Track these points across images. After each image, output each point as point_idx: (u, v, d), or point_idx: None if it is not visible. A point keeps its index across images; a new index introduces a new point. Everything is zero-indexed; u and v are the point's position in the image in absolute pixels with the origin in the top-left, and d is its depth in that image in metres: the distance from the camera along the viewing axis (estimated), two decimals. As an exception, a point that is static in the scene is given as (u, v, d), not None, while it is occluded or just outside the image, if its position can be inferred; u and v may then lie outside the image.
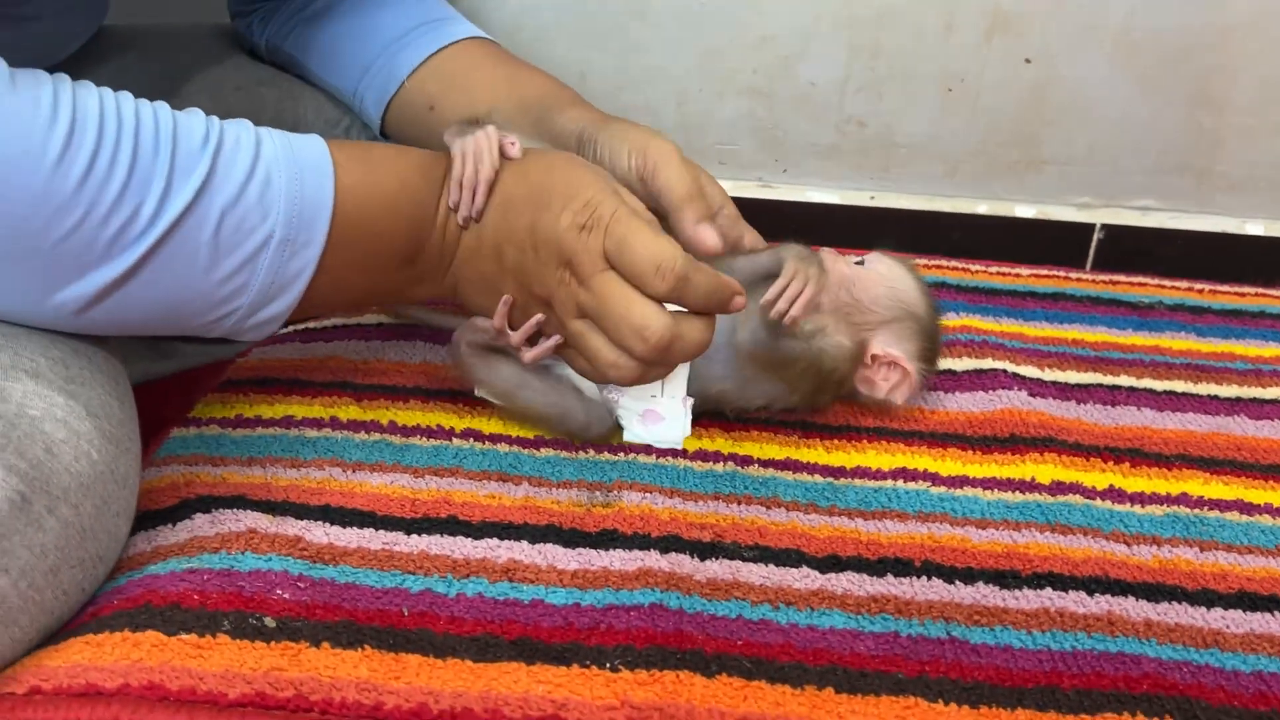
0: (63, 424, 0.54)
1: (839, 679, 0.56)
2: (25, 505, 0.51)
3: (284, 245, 0.60)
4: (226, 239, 0.58)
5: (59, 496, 0.53)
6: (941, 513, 0.69)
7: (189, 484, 0.67)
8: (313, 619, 0.57)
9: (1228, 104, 1.08)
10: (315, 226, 0.61)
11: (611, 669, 0.56)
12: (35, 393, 0.54)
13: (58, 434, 0.54)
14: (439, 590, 0.60)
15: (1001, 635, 0.60)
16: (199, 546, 0.61)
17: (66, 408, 0.55)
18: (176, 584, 0.58)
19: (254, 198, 0.59)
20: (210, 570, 0.60)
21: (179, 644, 0.55)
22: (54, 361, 0.57)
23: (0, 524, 0.50)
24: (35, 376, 0.55)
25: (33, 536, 0.51)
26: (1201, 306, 0.98)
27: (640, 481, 0.70)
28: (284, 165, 0.60)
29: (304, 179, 0.60)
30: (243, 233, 0.58)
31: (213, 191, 0.57)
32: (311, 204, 0.60)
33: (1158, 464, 0.75)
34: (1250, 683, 0.58)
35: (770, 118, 1.12)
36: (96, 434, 0.56)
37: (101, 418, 0.57)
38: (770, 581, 0.63)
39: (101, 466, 0.55)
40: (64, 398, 0.55)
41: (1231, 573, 0.66)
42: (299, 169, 0.60)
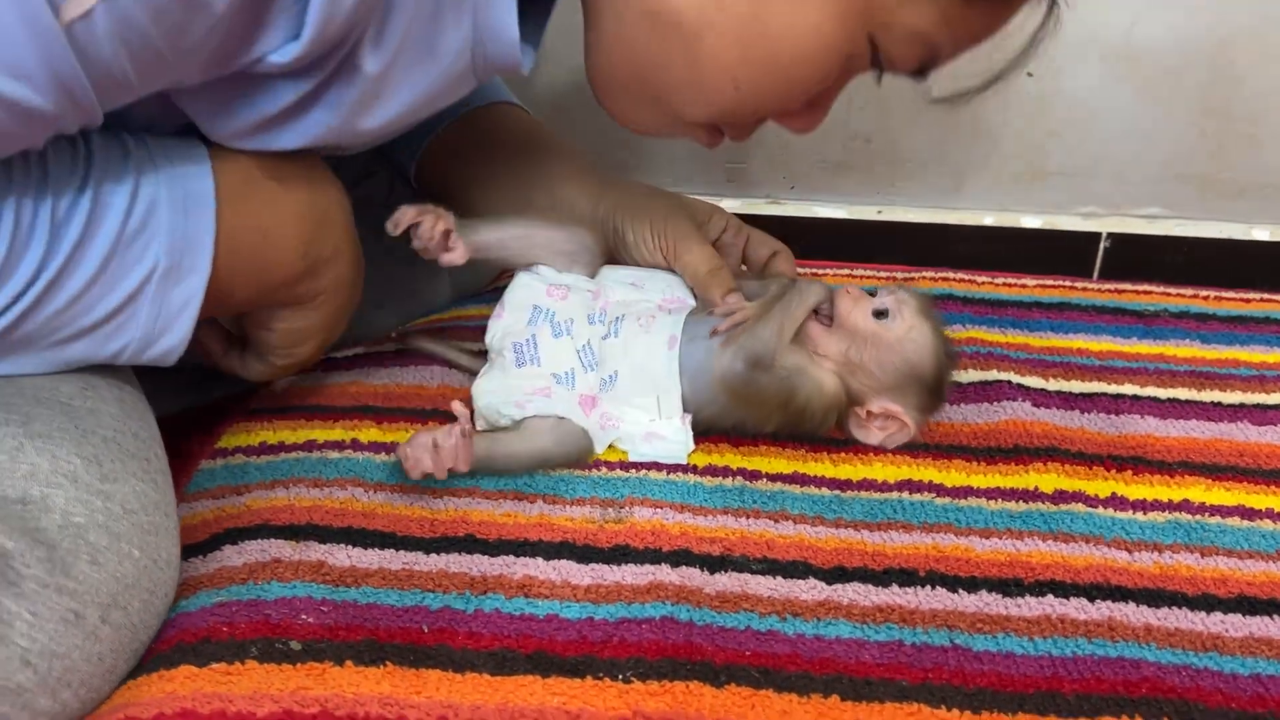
0: (104, 530, 0.56)
1: (844, 687, 0.58)
2: (79, 621, 0.53)
3: (166, 276, 0.60)
4: (110, 274, 0.59)
5: (109, 604, 0.55)
6: (946, 523, 0.71)
7: (217, 519, 0.70)
8: (336, 639, 0.60)
9: (1230, 112, 1.09)
10: (199, 254, 0.61)
11: (624, 680, 0.58)
12: (76, 499, 0.56)
13: (101, 541, 0.56)
14: (457, 607, 0.63)
15: (1003, 642, 0.61)
16: (227, 578, 0.64)
17: (105, 511, 0.57)
18: (206, 619, 0.60)
19: (135, 227, 0.59)
20: (238, 602, 0.62)
21: (210, 673, 0.57)
22: (88, 461, 0.58)
23: (59, 644, 0.52)
24: (74, 481, 0.57)
25: (90, 648, 0.54)
26: (1206, 313, 0.99)
27: (651, 497, 0.72)
28: (165, 197, 0.60)
29: (187, 209, 0.61)
30: (121, 266, 0.59)
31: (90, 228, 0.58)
32: (196, 232, 0.61)
33: (1160, 471, 0.77)
34: (1248, 685, 0.59)
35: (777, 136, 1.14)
36: (135, 531, 0.58)
37: (138, 511, 0.59)
38: (778, 593, 0.64)
39: (144, 561, 0.58)
40: (102, 500, 0.57)
41: (1232, 577, 0.67)
42: (183, 198, 0.61)
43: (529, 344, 0.76)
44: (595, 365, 0.77)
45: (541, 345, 0.76)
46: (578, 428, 0.75)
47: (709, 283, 0.79)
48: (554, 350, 0.77)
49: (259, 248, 0.65)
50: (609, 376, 0.77)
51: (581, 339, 0.77)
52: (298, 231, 0.67)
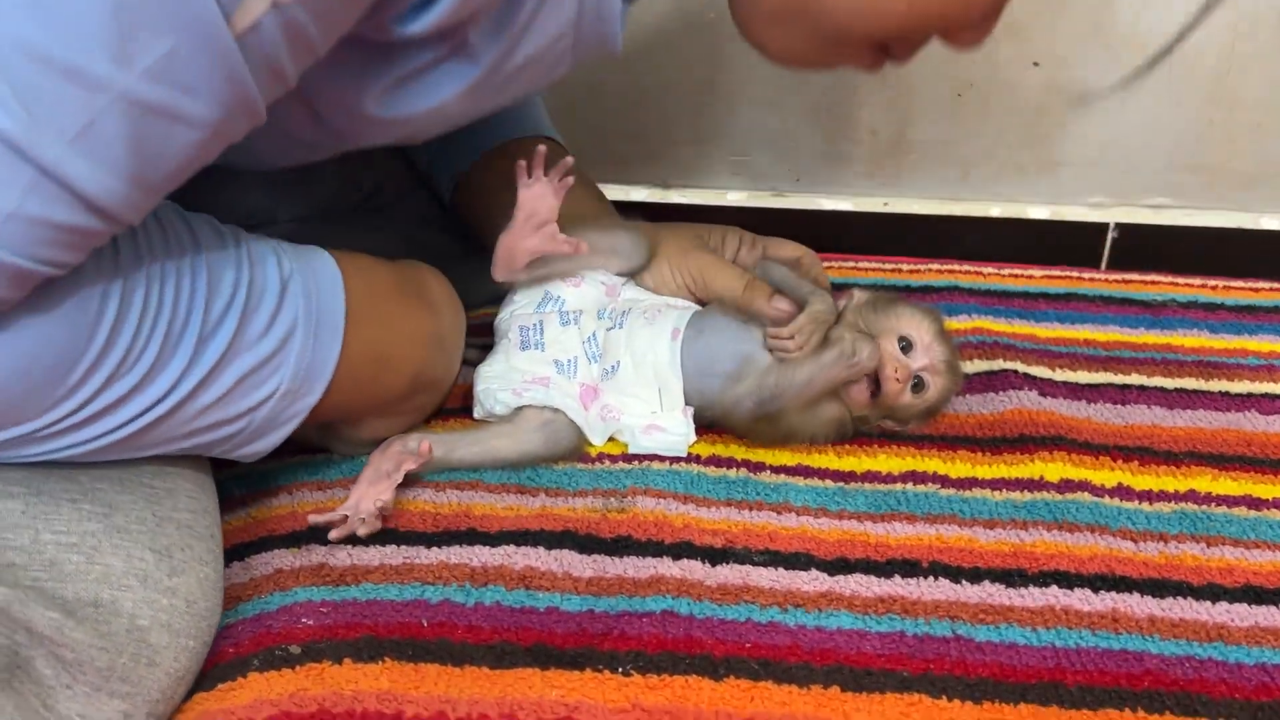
0: (166, 629, 0.56)
1: (845, 678, 0.58)
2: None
3: (287, 394, 0.61)
4: (236, 394, 0.59)
5: (157, 699, 0.55)
6: (949, 514, 0.71)
7: (225, 536, 0.68)
8: (335, 639, 0.60)
9: (1238, 100, 1.08)
10: (321, 378, 0.62)
11: (623, 673, 0.58)
12: (144, 600, 0.56)
13: (161, 641, 0.56)
14: (457, 600, 0.63)
15: (1006, 633, 0.61)
16: (235, 597, 0.64)
17: (170, 609, 0.57)
18: (216, 645, 0.60)
19: (266, 353, 0.60)
20: (243, 620, 0.62)
21: (216, 694, 0.57)
22: (159, 555, 0.58)
23: None
24: (144, 581, 0.57)
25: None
26: (1214, 303, 0.98)
27: (654, 488, 0.72)
28: (300, 324, 0.61)
29: (318, 336, 0.62)
30: (249, 387, 0.60)
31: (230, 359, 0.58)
32: (321, 358, 0.62)
33: (1167, 461, 0.76)
34: (1254, 674, 0.59)
35: (783, 128, 1.14)
36: (194, 622, 0.58)
37: (199, 599, 0.59)
38: (780, 585, 0.64)
39: (196, 650, 0.58)
40: (167, 599, 0.57)
41: (1238, 567, 0.66)
42: (316, 325, 0.62)
43: (535, 329, 0.77)
44: (599, 357, 0.77)
45: (547, 331, 0.77)
46: (568, 423, 0.75)
47: (750, 297, 0.78)
48: (559, 337, 0.77)
49: (375, 373, 0.67)
50: (611, 366, 0.76)
51: (588, 330, 0.77)
52: (414, 358, 0.70)
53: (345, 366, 0.63)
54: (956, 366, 0.77)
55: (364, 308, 0.64)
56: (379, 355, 0.67)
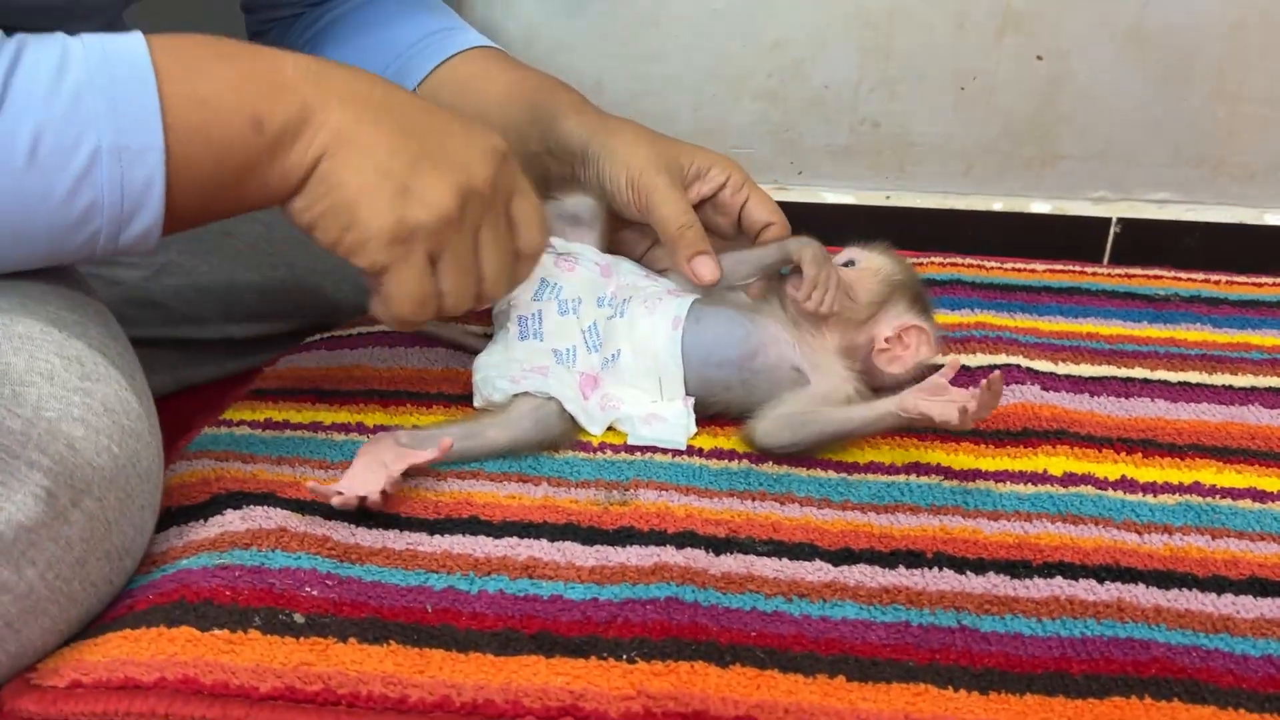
0: (80, 422, 0.55)
1: (850, 668, 0.58)
2: (51, 499, 0.52)
3: (117, 154, 0.57)
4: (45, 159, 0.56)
5: (82, 490, 0.54)
6: (954, 505, 0.70)
7: (219, 479, 0.69)
8: (340, 615, 0.59)
9: (1242, 95, 1.08)
10: (147, 130, 0.57)
11: (628, 661, 0.57)
12: (51, 394, 0.55)
13: (76, 431, 0.55)
14: (461, 588, 0.62)
15: (1011, 623, 0.61)
16: (230, 542, 0.63)
17: (83, 406, 0.56)
18: (209, 579, 0.60)
19: (62, 110, 0.55)
20: (242, 566, 0.62)
21: (212, 639, 0.57)
22: (68, 361, 0.57)
23: (28, 517, 0.51)
24: (50, 379, 0.56)
25: (58, 529, 0.53)
26: (1218, 298, 0.98)
27: (656, 480, 0.72)
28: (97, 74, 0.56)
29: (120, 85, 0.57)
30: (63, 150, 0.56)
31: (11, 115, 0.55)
32: (137, 108, 0.57)
33: (1170, 454, 0.76)
34: (1259, 666, 0.58)
35: (785, 121, 1.14)
36: (115, 429, 0.57)
37: (119, 413, 0.58)
38: (784, 575, 0.64)
39: (123, 460, 0.57)
40: (80, 396, 0.56)
41: (1243, 559, 0.66)
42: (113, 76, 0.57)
43: (534, 318, 0.76)
44: (599, 346, 0.77)
45: (546, 320, 0.76)
46: (559, 410, 0.74)
47: (676, 245, 0.76)
48: (558, 326, 0.76)
49: (205, 122, 0.60)
50: (611, 355, 0.76)
51: (588, 320, 0.77)
52: (240, 98, 0.61)
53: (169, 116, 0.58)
54: (895, 256, 0.81)
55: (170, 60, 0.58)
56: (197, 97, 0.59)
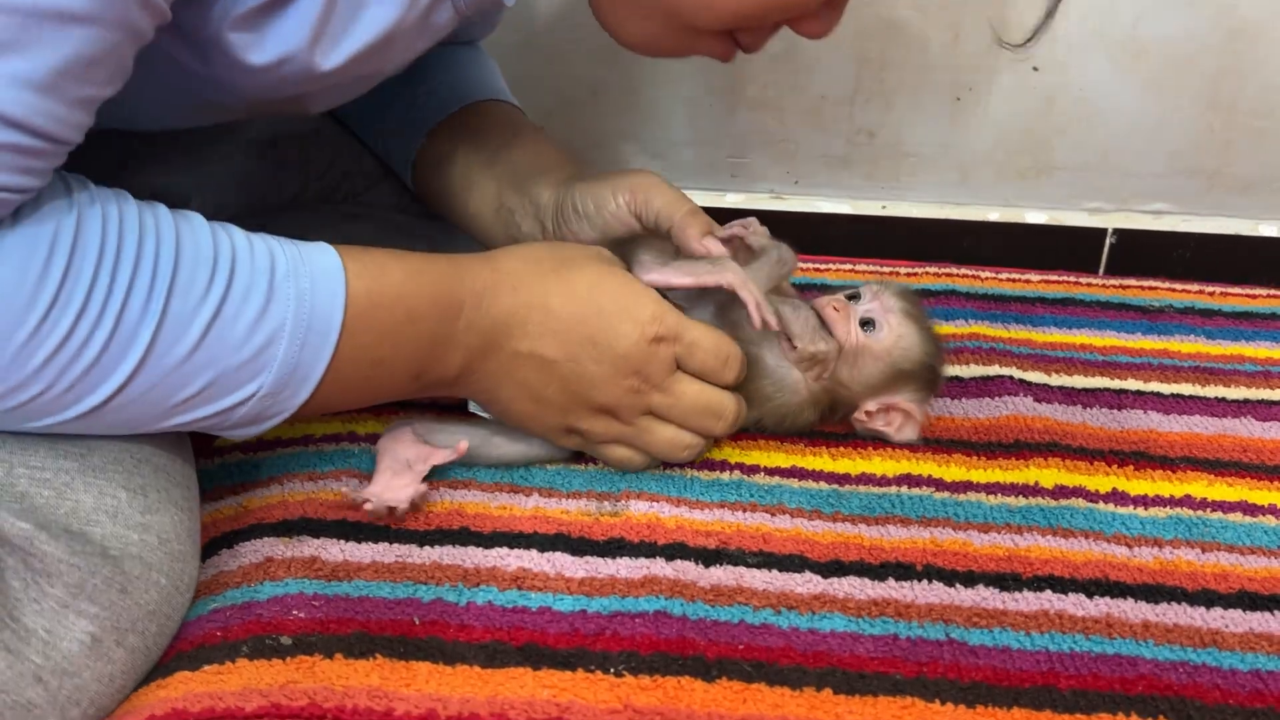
0: (138, 560, 0.57)
1: (838, 680, 0.58)
2: (96, 644, 0.54)
3: (268, 396, 0.58)
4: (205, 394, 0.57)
5: (128, 629, 0.55)
6: (944, 518, 0.70)
7: (215, 523, 0.69)
8: (327, 633, 0.60)
9: (1237, 106, 1.08)
10: (306, 384, 0.59)
11: (615, 674, 0.57)
12: (114, 534, 0.56)
13: (133, 571, 0.56)
14: (449, 599, 0.62)
15: (1000, 637, 0.61)
16: (223, 583, 0.64)
17: (141, 544, 0.57)
18: (203, 626, 0.60)
19: (248, 356, 0.57)
20: (231, 606, 0.62)
21: (202, 675, 0.57)
22: (133, 494, 0.58)
23: (72, 664, 0.53)
24: (114, 517, 0.57)
25: (102, 669, 0.54)
26: (1211, 309, 0.98)
27: (648, 491, 0.72)
28: (289, 328, 0.57)
29: (306, 343, 0.58)
30: (224, 389, 0.57)
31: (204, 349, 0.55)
32: (308, 364, 0.59)
33: (1162, 466, 0.76)
34: (1247, 680, 0.59)
35: (781, 130, 1.14)
36: (166, 559, 0.58)
37: (172, 539, 0.59)
38: (773, 587, 0.64)
39: (169, 588, 0.58)
40: (139, 534, 0.57)
41: (1232, 573, 0.66)
42: (305, 332, 0.58)
43: None
44: None
45: None
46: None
47: (687, 224, 0.74)
48: None
49: (369, 378, 0.63)
50: None
51: None
52: (413, 362, 0.64)
53: (334, 371, 0.60)
54: (923, 325, 0.75)
55: (361, 307, 0.60)
56: (374, 360, 0.62)
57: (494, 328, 0.66)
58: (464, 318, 0.64)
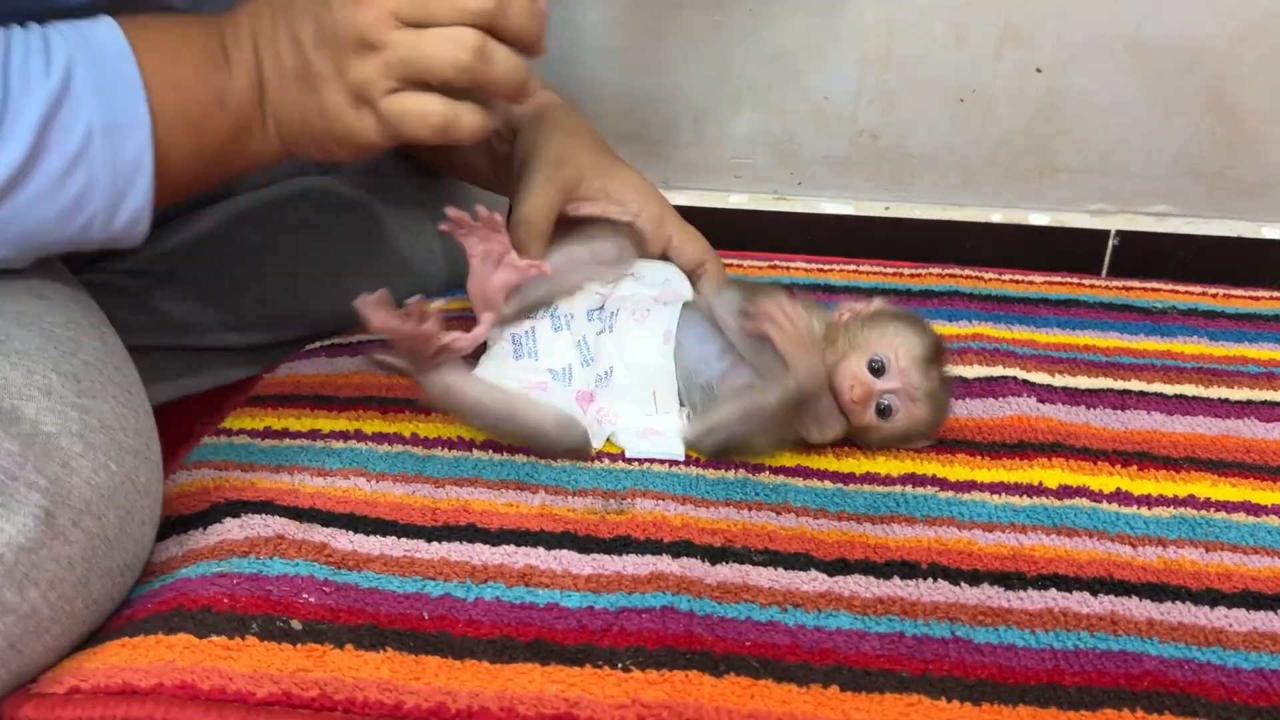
0: (78, 438, 0.55)
1: (844, 677, 0.58)
2: (50, 519, 0.53)
3: (109, 134, 0.58)
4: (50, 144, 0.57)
5: (82, 509, 0.54)
6: (949, 517, 0.71)
7: (218, 488, 0.70)
8: (337, 622, 0.60)
9: (1240, 109, 1.09)
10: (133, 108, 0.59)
11: (623, 669, 0.58)
12: (49, 409, 0.55)
13: (74, 448, 0.55)
14: (458, 595, 0.63)
15: (1005, 635, 0.61)
16: (228, 550, 0.64)
17: (81, 422, 0.56)
18: (208, 587, 0.61)
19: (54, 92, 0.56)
20: (240, 574, 0.62)
21: (210, 646, 0.57)
22: (65, 377, 0.57)
23: (27, 538, 0.52)
24: (48, 393, 0.56)
25: (60, 549, 0.53)
26: (1215, 311, 0.99)
27: (654, 489, 0.72)
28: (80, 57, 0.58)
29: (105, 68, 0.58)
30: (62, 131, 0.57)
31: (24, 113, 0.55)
32: (121, 86, 0.58)
33: (1166, 466, 0.76)
34: (1251, 679, 0.59)
35: (785, 132, 1.14)
36: (113, 445, 0.57)
37: (117, 429, 0.58)
38: (779, 584, 0.64)
39: (121, 477, 0.57)
40: (78, 413, 0.56)
41: (1236, 572, 0.66)
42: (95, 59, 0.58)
43: (528, 335, 0.76)
44: (591, 360, 0.77)
45: (540, 339, 0.76)
46: (579, 424, 0.75)
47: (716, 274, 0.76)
48: (552, 344, 0.76)
49: (181, 102, 0.61)
50: (604, 373, 0.76)
51: (579, 333, 0.77)
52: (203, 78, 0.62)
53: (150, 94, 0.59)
54: (940, 399, 0.75)
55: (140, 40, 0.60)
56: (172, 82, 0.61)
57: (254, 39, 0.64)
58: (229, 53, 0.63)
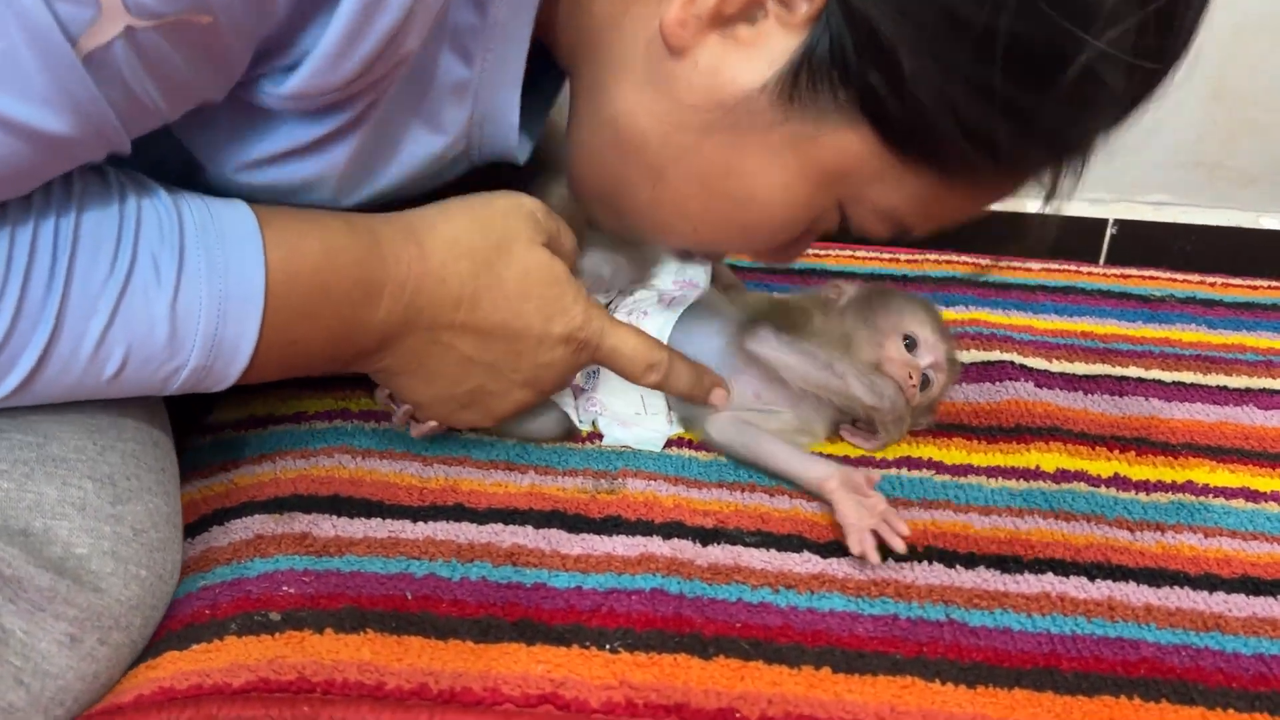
0: (110, 555, 0.54)
1: (836, 659, 0.57)
2: (75, 644, 0.52)
3: (201, 370, 0.55)
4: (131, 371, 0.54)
5: (110, 627, 0.53)
6: (944, 500, 0.70)
7: (205, 499, 0.68)
8: (317, 608, 0.58)
9: (1240, 99, 1.08)
10: (237, 357, 0.56)
11: (611, 650, 0.56)
12: (82, 528, 0.54)
13: (105, 568, 0.54)
14: (443, 574, 0.61)
15: (1001, 618, 0.60)
16: (212, 560, 0.62)
17: (114, 536, 0.55)
18: (191, 604, 0.59)
19: (161, 341, 0.53)
20: (221, 583, 0.60)
21: (190, 654, 0.56)
22: (101, 484, 0.56)
23: (53, 665, 0.51)
24: (82, 510, 0.54)
25: (86, 668, 0.52)
26: (1213, 299, 0.98)
27: (645, 470, 0.71)
28: (204, 298, 0.54)
29: (226, 315, 0.54)
30: (146, 370, 0.54)
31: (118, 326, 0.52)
32: (231, 343, 0.55)
33: (1164, 452, 0.75)
34: (1251, 664, 0.58)
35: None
36: (144, 551, 0.56)
37: (149, 530, 0.57)
38: (771, 566, 0.63)
39: (150, 580, 0.56)
40: (111, 526, 0.55)
41: (1235, 558, 0.65)
42: (223, 299, 0.54)
43: None
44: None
45: None
46: (562, 413, 0.74)
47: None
48: None
49: (286, 357, 0.59)
50: (594, 370, 0.75)
51: None
52: (328, 343, 0.60)
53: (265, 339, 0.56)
54: (956, 359, 0.76)
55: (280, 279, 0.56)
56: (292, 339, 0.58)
57: (417, 316, 0.62)
58: (385, 305, 0.60)
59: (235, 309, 0.55)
